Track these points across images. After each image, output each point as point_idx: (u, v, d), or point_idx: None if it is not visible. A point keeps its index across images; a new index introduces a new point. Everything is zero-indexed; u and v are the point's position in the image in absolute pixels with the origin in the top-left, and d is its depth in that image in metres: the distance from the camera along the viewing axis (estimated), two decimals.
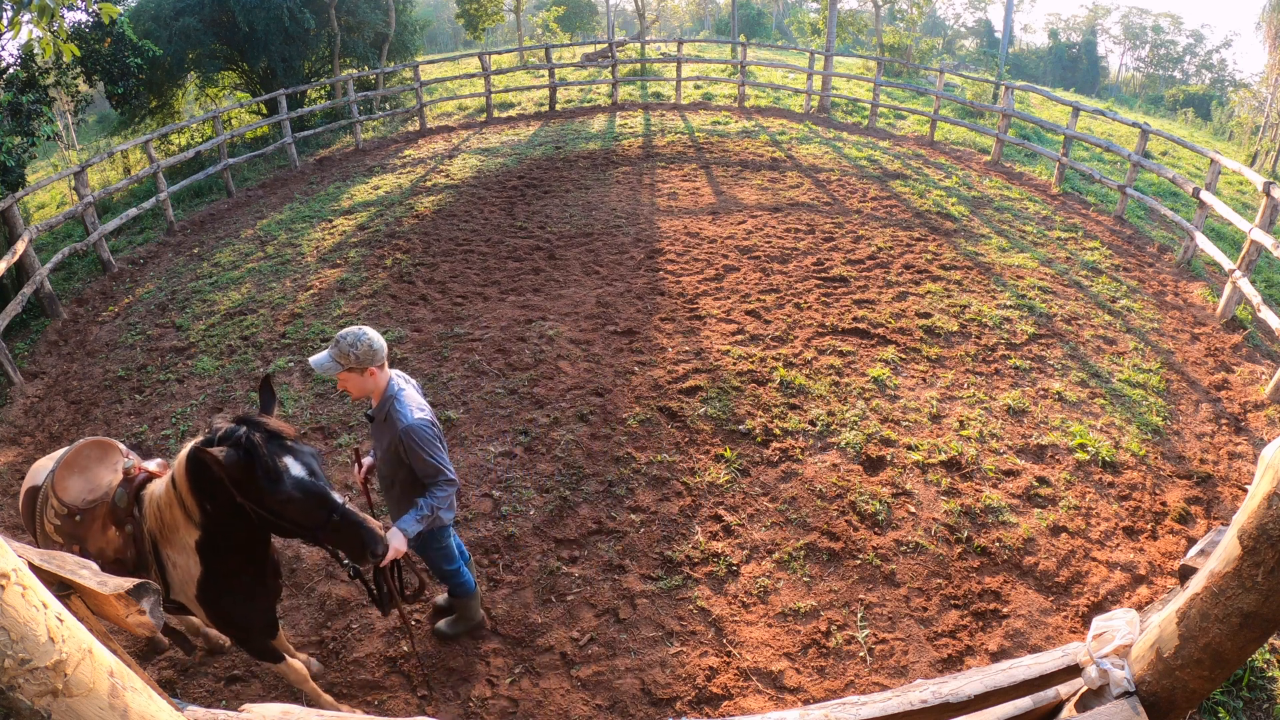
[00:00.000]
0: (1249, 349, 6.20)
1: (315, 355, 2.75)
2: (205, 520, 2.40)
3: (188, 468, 2.34)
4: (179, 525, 2.47)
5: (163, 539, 2.53)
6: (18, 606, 1.13)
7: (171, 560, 2.54)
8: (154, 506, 2.51)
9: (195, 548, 2.47)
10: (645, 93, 16.85)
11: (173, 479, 2.42)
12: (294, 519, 2.33)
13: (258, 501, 2.30)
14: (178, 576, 2.55)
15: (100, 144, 18.21)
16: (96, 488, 2.71)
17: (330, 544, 2.41)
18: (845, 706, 2.12)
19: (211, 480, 2.30)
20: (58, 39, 4.39)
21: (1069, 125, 10.18)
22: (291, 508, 2.31)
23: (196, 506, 2.38)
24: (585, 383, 5.45)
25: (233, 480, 2.26)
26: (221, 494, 2.32)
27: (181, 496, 2.39)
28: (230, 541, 2.46)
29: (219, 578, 2.52)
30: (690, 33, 46.08)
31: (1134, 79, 50.35)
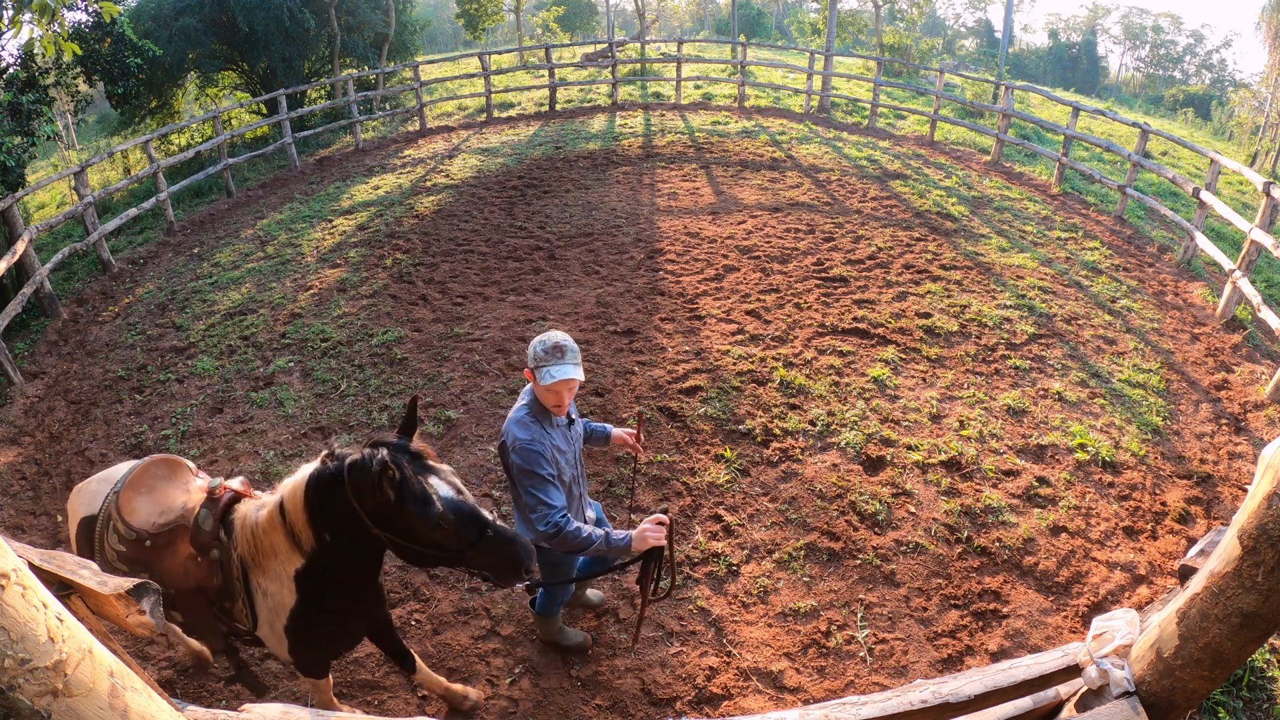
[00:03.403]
0: (1249, 349, 6.20)
1: (567, 366, 2.46)
2: (318, 549, 2.19)
3: (309, 495, 2.13)
4: (278, 553, 2.27)
5: (255, 566, 2.33)
6: (18, 606, 1.13)
7: (262, 589, 2.33)
8: (248, 531, 2.31)
9: (294, 576, 2.27)
10: (645, 93, 16.85)
11: (281, 505, 2.21)
12: (442, 543, 2.08)
13: (404, 530, 2.06)
14: (267, 606, 2.35)
15: (100, 144, 18.21)
16: (168, 509, 2.51)
17: (478, 565, 2.14)
18: (845, 706, 2.12)
19: (339, 508, 2.09)
20: (59, 38, 4.40)
21: (1069, 125, 10.18)
22: (443, 531, 2.06)
23: (312, 536, 2.17)
24: (585, 382, 5.45)
25: (372, 509, 2.04)
26: (349, 523, 2.11)
27: (292, 524, 2.18)
28: (338, 573, 2.27)
29: (315, 609, 2.31)
30: (690, 33, 46.08)
31: (1134, 79, 50.35)
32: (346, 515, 2.09)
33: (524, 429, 2.53)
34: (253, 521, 2.31)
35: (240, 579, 2.35)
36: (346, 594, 2.37)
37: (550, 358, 2.45)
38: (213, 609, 2.43)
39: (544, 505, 2.49)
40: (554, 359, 2.45)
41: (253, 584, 2.35)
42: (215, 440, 5.10)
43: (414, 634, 3.50)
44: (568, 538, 2.47)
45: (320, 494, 2.11)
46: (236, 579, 2.35)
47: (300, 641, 2.39)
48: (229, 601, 2.40)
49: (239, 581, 2.35)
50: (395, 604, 3.68)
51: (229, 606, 2.42)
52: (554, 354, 2.46)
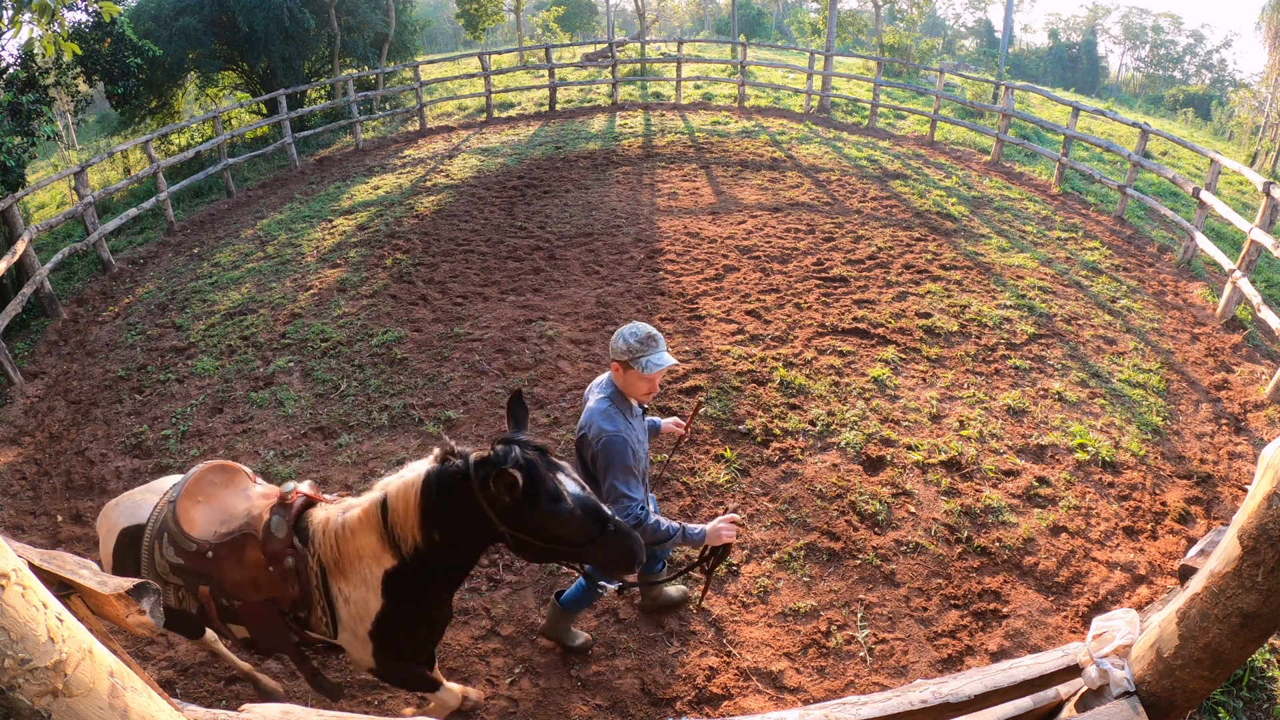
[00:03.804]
0: (1249, 349, 6.20)
1: (665, 354, 2.51)
2: (421, 550, 2.13)
3: (426, 493, 2.07)
4: (364, 556, 2.20)
5: (337, 571, 2.25)
6: (18, 606, 1.13)
7: (344, 595, 2.26)
8: (331, 535, 2.23)
9: (381, 580, 2.21)
10: (645, 93, 16.85)
11: (383, 504, 2.15)
12: (569, 539, 2.06)
13: (534, 527, 2.04)
14: (349, 613, 2.27)
15: (100, 144, 18.21)
16: (230, 518, 2.40)
17: (595, 560, 2.13)
18: (845, 706, 2.12)
19: (462, 506, 2.06)
20: (59, 38, 4.40)
21: (1069, 125, 10.18)
22: (571, 526, 2.05)
23: (420, 536, 2.11)
24: (585, 383, 5.44)
25: (504, 507, 2.00)
26: (470, 521, 2.08)
27: (396, 524, 2.12)
28: (436, 573, 2.22)
29: (403, 612, 2.26)
30: (690, 33, 46.08)
31: (1134, 79, 50.36)
32: (469, 513, 2.06)
33: (609, 420, 2.53)
34: (337, 525, 2.23)
35: (320, 586, 2.27)
36: (439, 594, 2.33)
37: (646, 347, 2.47)
38: (284, 620, 2.35)
39: (626, 498, 2.49)
40: (650, 348, 2.48)
41: (333, 590, 2.27)
42: (215, 440, 5.10)
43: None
44: (648, 531, 2.49)
45: (442, 492, 2.07)
46: (315, 586, 2.27)
47: (388, 646, 2.33)
48: (304, 611, 2.32)
49: (318, 589, 2.27)
50: None
51: (304, 616, 2.34)
52: (649, 343, 2.48)
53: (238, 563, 2.31)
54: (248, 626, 2.39)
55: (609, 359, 2.60)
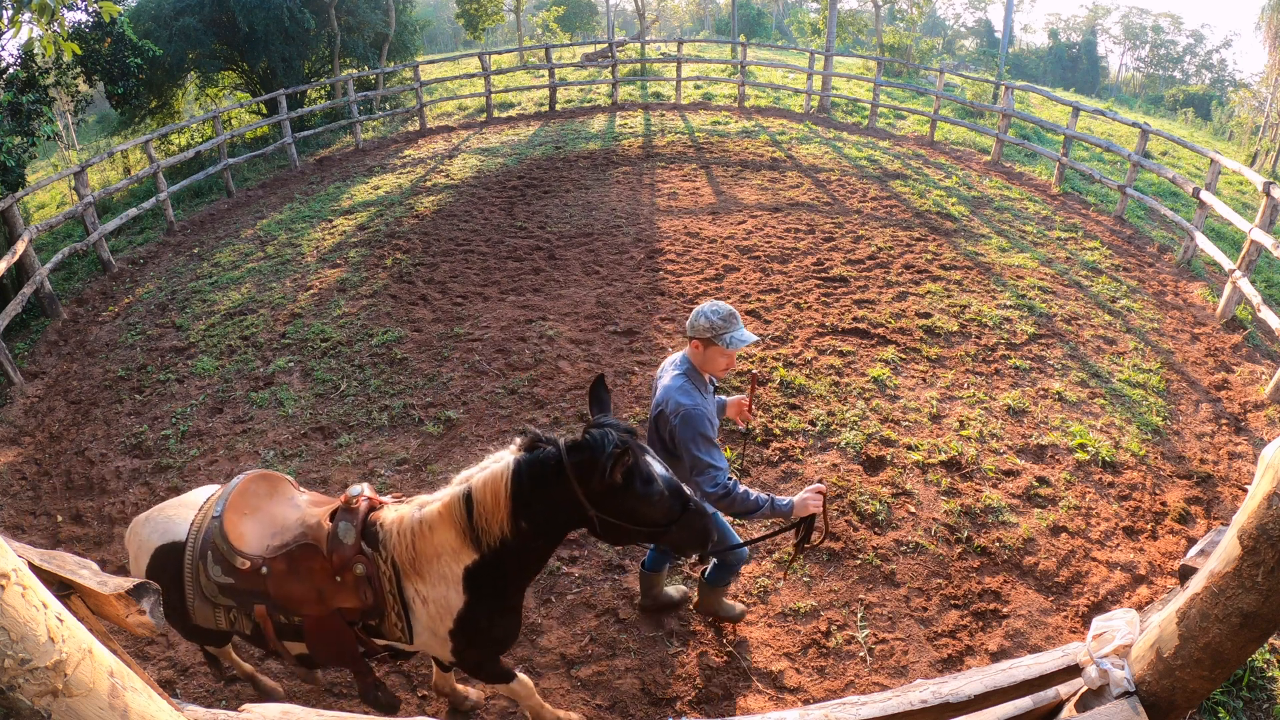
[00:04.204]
0: (1249, 349, 6.20)
1: (746, 331, 2.58)
2: (506, 542, 2.10)
3: (518, 483, 2.04)
4: (444, 553, 2.16)
5: (412, 571, 2.19)
6: (18, 606, 1.13)
7: (420, 596, 2.20)
8: (407, 534, 2.17)
9: (462, 576, 2.16)
10: (645, 93, 16.85)
11: (467, 497, 2.10)
12: (655, 520, 2.09)
13: (626, 511, 2.04)
14: (427, 613, 2.21)
15: (100, 144, 18.22)
16: (283, 529, 2.32)
17: (674, 539, 2.15)
18: (845, 706, 2.12)
19: (553, 493, 2.04)
20: (58, 38, 4.40)
21: (1069, 125, 10.18)
22: (659, 508, 2.07)
23: (509, 526, 2.07)
24: (585, 383, 5.45)
25: (599, 491, 2.01)
26: (561, 508, 2.07)
27: (482, 516, 2.08)
28: (519, 563, 2.19)
29: (486, 605, 2.21)
30: (690, 33, 46.08)
31: (1134, 79, 50.36)
32: (560, 500, 2.05)
33: (687, 395, 2.58)
34: (413, 523, 2.17)
35: (394, 590, 2.19)
36: (520, 584, 2.29)
37: (729, 324, 2.54)
38: (352, 630, 2.26)
39: (712, 467, 2.53)
40: (732, 325, 2.55)
41: (408, 592, 2.20)
42: (215, 440, 5.10)
43: None
44: (736, 499, 2.51)
45: (533, 481, 2.05)
46: (389, 591, 2.19)
47: (472, 643, 2.28)
48: (375, 618, 2.23)
49: (391, 594, 2.19)
50: None
51: (375, 624, 2.26)
52: (731, 320, 2.55)
53: (298, 576, 2.22)
54: (310, 642, 2.30)
55: (686, 336, 2.66)
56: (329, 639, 2.28)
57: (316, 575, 2.22)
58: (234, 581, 2.26)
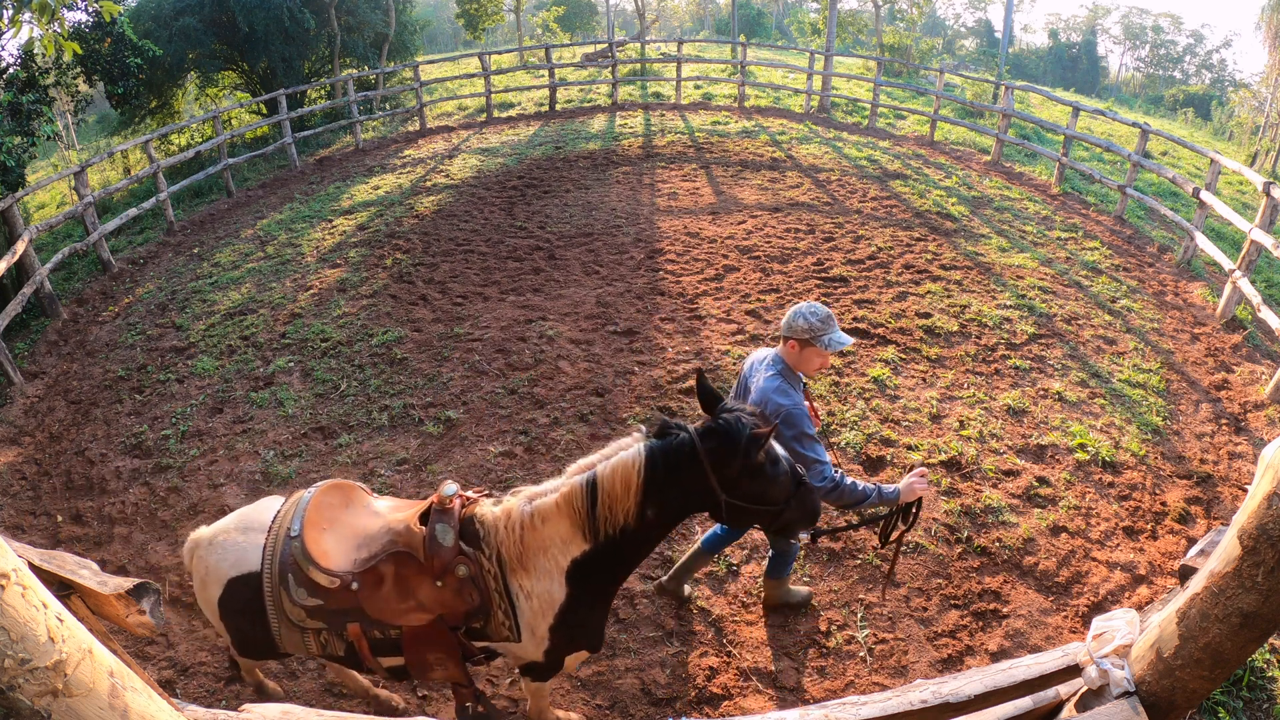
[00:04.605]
0: (1249, 349, 6.20)
1: (842, 333, 2.64)
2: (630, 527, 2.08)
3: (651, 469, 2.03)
4: (552, 545, 2.13)
5: (519, 566, 2.14)
6: (18, 606, 1.13)
7: (525, 591, 2.15)
8: (515, 528, 2.13)
9: (567, 569, 2.14)
10: (645, 93, 16.85)
11: (591, 486, 2.07)
12: (775, 499, 2.13)
13: (754, 492, 2.09)
14: (530, 609, 2.16)
15: (100, 144, 18.22)
16: (368, 540, 2.22)
17: (789, 518, 2.20)
18: (845, 706, 2.12)
19: (685, 479, 2.06)
20: (59, 37, 4.40)
21: (1069, 125, 10.18)
22: (781, 487, 2.13)
23: (635, 513, 2.06)
24: (585, 383, 5.45)
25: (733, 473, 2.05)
26: (686, 493, 2.08)
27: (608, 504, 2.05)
28: (629, 551, 2.17)
29: (589, 597, 2.20)
30: (690, 33, 46.08)
31: (1134, 79, 50.37)
32: (690, 485, 2.07)
33: (785, 395, 2.63)
34: (522, 516, 2.13)
35: (499, 588, 2.14)
36: (625, 575, 2.28)
37: (827, 326, 2.62)
38: (455, 636, 2.20)
39: (818, 462, 2.59)
40: (831, 327, 2.63)
41: (513, 588, 2.15)
42: (215, 440, 5.10)
43: None
44: (845, 490, 2.57)
45: (669, 467, 2.05)
46: (495, 589, 2.14)
47: (571, 638, 2.25)
48: (480, 619, 2.17)
49: (498, 592, 2.14)
50: None
51: (479, 626, 2.20)
52: (829, 323, 2.63)
53: (393, 586, 2.13)
54: (410, 654, 2.22)
55: (781, 337, 2.74)
56: (430, 648, 2.21)
57: (414, 583, 2.14)
58: (323, 602, 2.16)
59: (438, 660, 2.23)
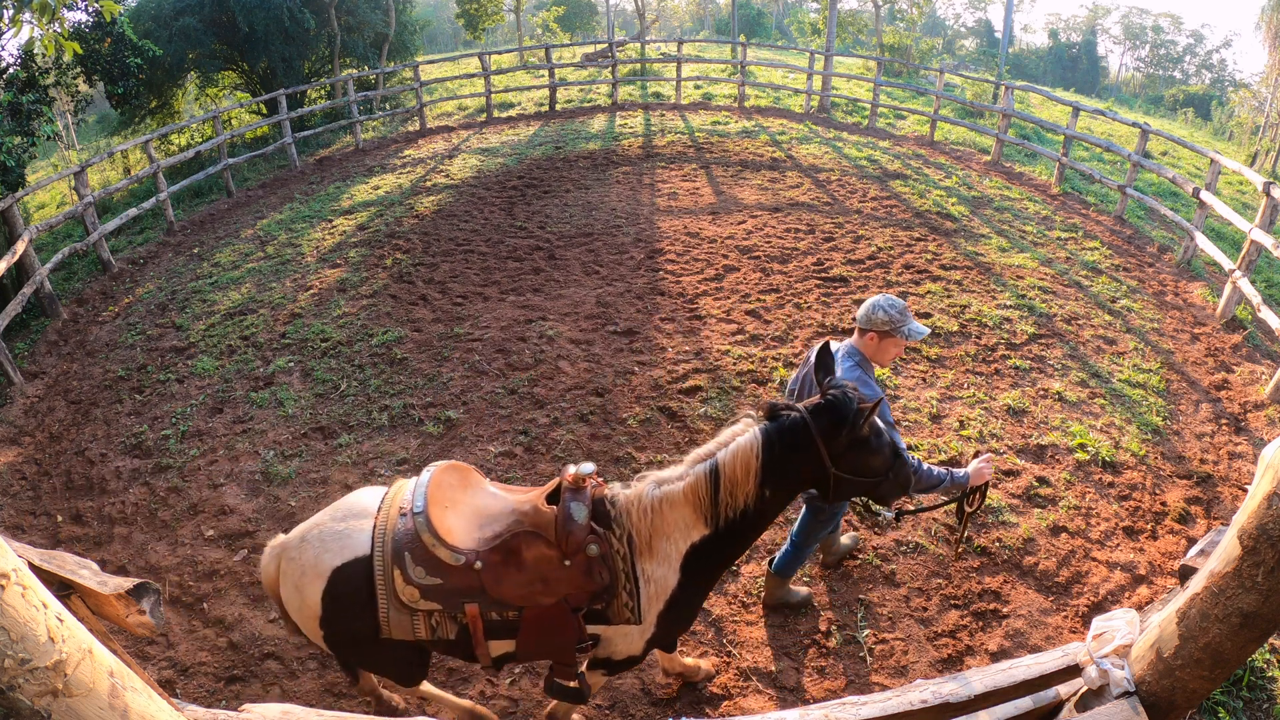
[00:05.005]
0: (1249, 349, 6.20)
1: (918, 324, 2.76)
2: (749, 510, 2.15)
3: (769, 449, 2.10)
4: (675, 531, 2.17)
5: (645, 550, 2.17)
6: (18, 606, 1.13)
7: (646, 575, 2.18)
8: (645, 511, 2.16)
9: (682, 554, 2.18)
10: (645, 93, 16.85)
11: (714, 471, 2.12)
12: (877, 471, 2.24)
13: (860, 465, 2.18)
14: (648, 593, 2.19)
15: (100, 144, 18.22)
16: (491, 519, 2.23)
17: (885, 489, 2.31)
18: (845, 706, 2.12)
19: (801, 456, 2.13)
20: (59, 37, 4.40)
21: (1069, 125, 10.18)
22: (883, 459, 2.23)
23: (754, 495, 2.13)
24: (585, 383, 5.45)
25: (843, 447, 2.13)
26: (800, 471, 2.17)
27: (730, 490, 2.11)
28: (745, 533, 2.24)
29: (698, 583, 2.25)
30: (690, 33, 46.08)
31: (1134, 79, 50.37)
32: (804, 463, 2.16)
33: (866, 386, 2.70)
34: (653, 500, 2.16)
35: (627, 569, 2.16)
36: (735, 558, 2.34)
37: (906, 317, 2.73)
38: (575, 618, 2.19)
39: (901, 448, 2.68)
40: (909, 317, 2.75)
41: (639, 571, 2.18)
42: (215, 440, 5.10)
43: None
44: (923, 476, 2.59)
45: (785, 446, 2.12)
46: (623, 570, 2.16)
47: (676, 623, 2.30)
48: (602, 602, 2.19)
49: (625, 573, 2.16)
50: None
51: (601, 608, 2.21)
52: (906, 313, 2.73)
53: (519, 566, 2.13)
54: (527, 636, 2.21)
55: (858, 329, 2.83)
56: (550, 629, 2.20)
57: (541, 563, 2.14)
58: (442, 581, 2.13)
59: (554, 642, 2.22)
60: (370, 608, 2.18)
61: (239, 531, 4.23)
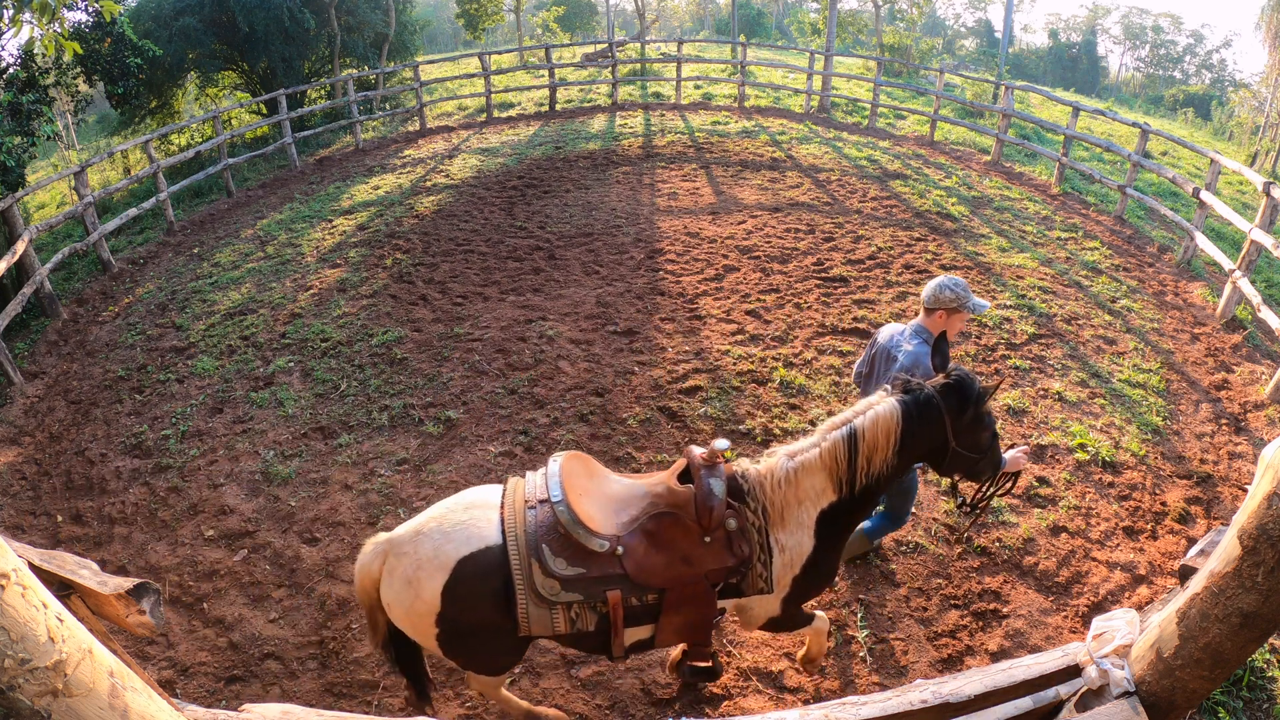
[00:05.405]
0: (1249, 349, 6.20)
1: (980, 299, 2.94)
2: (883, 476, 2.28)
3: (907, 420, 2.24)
4: (806, 498, 2.27)
5: (778, 520, 2.27)
6: (18, 606, 1.13)
7: (780, 544, 2.28)
8: (778, 484, 2.25)
9: (815, 521, 2.29)
10: (645, 93, 16.85)
11: (852, 438, 2.23)
12: (982, 446, 2.41)
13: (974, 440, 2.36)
14: (782, 561, 2.28)
15: (100, 144, 18.21)
16: (624, 504, 2.27)
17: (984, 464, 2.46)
18: (845, 706, 2.12)
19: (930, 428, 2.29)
20: (59, 37, 4.40)
21: (1069, 125, 10.18)
22: (988, 434, 2.41)
23: (890, 462, 2.26)
24: (585, 383, 5.45)
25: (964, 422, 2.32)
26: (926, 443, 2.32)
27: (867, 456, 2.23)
28: (868, 500, 2.36)
29: (830, 546, 2.36)
30: (690, 33, 46.07)
31: (1134, 79, 50.36)
32: (931, 435, 2.30)
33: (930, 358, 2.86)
34: (785, 472, 2.26)
35: (762, 541, 2.24)
36: (860, 522, 2.47)
37: (970, 294, 2.92)
38: (713, 593, 2.24)
39: None
40: (971, 294, 2.93)
41: (771, 541, 2.27)
42: (215, 440, 5.10)
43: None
44: None
45: (921, 418, 2.27)
46: (758, 543, 2.23)
47: (812, 586, 2.40)
48: (739, 575, 2.25)
49: (760, 544, 2.24)
50: None
51: (736, 581, 2.27)
52: (968, 290, 2.92)
53: (660, 547, 2.16)
54: (670, 619, 2.23)
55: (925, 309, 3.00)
56: (691, 608, 2.23)
57: (681, 542, 2.18)
58: (585, 570, 2.12)
59: (694, 621, 2.26)
60: (501, 601, 2.15)
61: (239, 531, 4.23)
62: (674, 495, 2.23)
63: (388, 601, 2.26)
